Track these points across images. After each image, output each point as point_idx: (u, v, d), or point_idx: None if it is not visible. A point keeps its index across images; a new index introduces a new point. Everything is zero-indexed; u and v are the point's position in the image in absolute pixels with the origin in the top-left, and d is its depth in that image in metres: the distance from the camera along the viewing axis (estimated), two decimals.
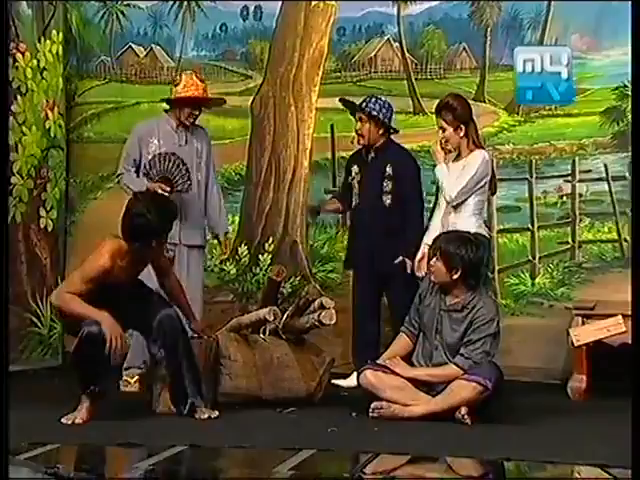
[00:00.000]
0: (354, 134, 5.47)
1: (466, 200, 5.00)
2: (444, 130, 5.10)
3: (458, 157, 5.13)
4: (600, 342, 5.14)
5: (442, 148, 5.10)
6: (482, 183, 5.04)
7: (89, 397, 4.42)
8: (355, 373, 5.14)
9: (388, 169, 5.34)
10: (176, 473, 3.87)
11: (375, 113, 5.34)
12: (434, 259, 4.62)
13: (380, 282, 5.34)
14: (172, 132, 5.44)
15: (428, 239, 5.12)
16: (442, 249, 4.59)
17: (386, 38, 6.44)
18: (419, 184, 5.38)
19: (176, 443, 3.94)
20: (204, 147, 5.51)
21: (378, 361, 4.73)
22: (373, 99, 5.41)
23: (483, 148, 5.17)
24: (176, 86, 5.41)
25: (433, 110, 5.27)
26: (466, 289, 4.58)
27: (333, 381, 5.18)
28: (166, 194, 5.21)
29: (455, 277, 4.56)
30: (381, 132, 5.38)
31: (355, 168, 5.47)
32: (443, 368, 4.55)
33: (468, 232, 4.78)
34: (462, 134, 5.08)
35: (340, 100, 5.61)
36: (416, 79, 6.36)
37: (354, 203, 5.45)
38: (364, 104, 5.38)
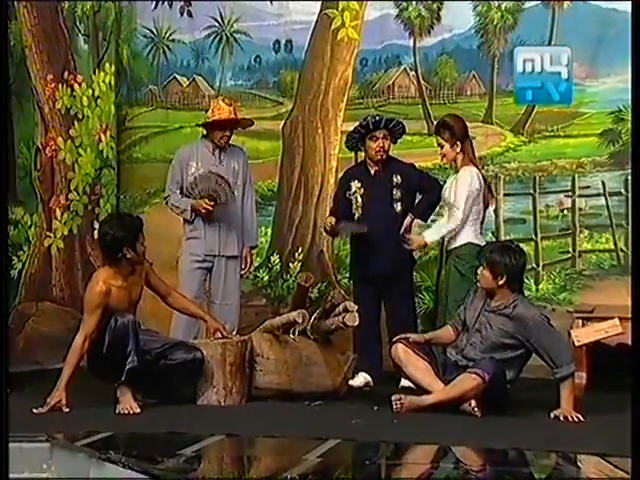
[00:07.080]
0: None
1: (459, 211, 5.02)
2: (442, 146, 5.11)
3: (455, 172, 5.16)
4: (599, 342, 5.12)
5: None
6: (474, 196, 5.06)
7: (126, 385, 4.45)
8: (361, 373, 5.13)
9: (395, 179, 5.29)
10: (216, 459, 3.91)
11: (395, 129, 5.33)
12: (481, 268, 4.57)
13: (382, 286, 5.26)
14: (209, 154, 5.49)
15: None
16: (488, 258, 4.55)
17: (403, 67, 6.47)
18: (431, 179, 5.33)
19: (215, 432, 3.98)
20: (241, 165, 5.53)
21: (415, 337, 4.70)
22: (384, 118, 5.33)
23: (476, 165, 5.17)
24: (206, 112, 5.53)
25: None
26: (510, 292, 4.55)
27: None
28: (210, 208, 5.29)
29: (501, 283, 4.52)
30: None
31: (356, 183, 5.34)
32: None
33: (511, 241, 4.75)
34: (458, 150, 5.10)
35: (374, 121, 5.30)
36: (430, 104, 6.38)
37: (357, 215, 5.33)
38: (389, 122, 5.30)
